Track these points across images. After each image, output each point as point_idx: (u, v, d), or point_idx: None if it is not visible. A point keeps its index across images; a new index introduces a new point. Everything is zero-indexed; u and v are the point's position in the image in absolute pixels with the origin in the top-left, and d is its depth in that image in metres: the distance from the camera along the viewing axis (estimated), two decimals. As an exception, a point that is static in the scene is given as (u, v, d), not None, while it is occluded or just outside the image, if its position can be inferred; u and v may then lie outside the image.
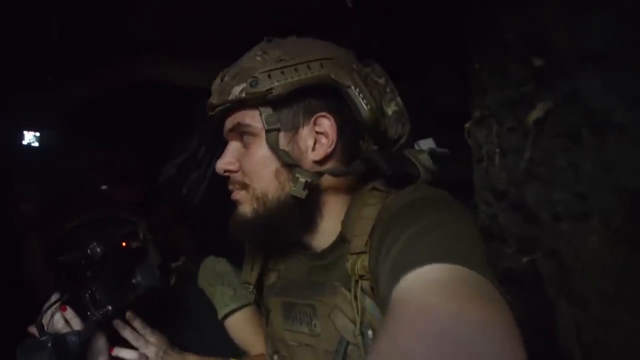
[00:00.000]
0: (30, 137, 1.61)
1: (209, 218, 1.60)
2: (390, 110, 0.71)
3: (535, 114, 0.65)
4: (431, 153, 0.72)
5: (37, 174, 1.48)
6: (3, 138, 1.53)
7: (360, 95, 0.66)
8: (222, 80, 0.68)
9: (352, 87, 0.66)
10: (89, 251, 0.89)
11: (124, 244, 0.96)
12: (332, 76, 0.65)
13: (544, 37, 0.64)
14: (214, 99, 0.68)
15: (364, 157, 0.68)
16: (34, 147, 1.61)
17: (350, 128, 0.68)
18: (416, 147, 0.76)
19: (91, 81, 1.75)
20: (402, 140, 0.74)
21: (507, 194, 0.73)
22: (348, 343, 0.62)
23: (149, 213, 1.32)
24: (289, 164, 0.65)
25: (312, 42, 0.69)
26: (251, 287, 0.78)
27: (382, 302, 0.53)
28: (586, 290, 0.59)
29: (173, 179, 1.74)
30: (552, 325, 0.64)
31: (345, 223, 0.67)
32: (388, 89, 0.71)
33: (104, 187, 1.45)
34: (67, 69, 1.55)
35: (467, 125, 0.84)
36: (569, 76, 0.60)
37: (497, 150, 0.74)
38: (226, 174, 0.69)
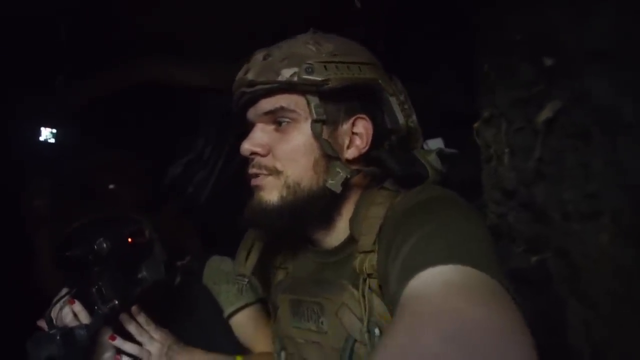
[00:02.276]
0: (41, 135, 1.63)
1: (214, 217, 1.61)
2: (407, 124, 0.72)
3: (545, 114, 0.66)
4: (440, 153, 0.72)
5: (49, 171, 1.49)
6: (15, 136, 1.54)
7: (400, 104, 0.68)
8: (265, 58, 0.65)
9: (394, 96, 0.67)
10: (95, 247, 0.89)
11: (130, 240, 0.97)
12: (380, 81, 0.66)
13: (553, 37, 0.64)
14: (252, 75, 0.65)
15: (375, 157, 0.68)
16: (45, 145, 1.63)
17: (381, 133, 0.69)
18: (425, 146, 0.76)
19: (97, 82, 1.77)
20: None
21: (516, 193, 0.73)
22: (355, 341, 0.62)
23: (155, 212, 1.33)
24: (331, 156, 0.64)
25: (358, 46, 0.70)
26: (245, 280, 0.75)
27: (391, 300, 0.53)
28: (596, 289, 0.59)
29: (179, 179, 1.75)
30: (561, 324, 0.64)
31: (353, 221, 0.67)
32: (407, 106, 0.72)
33: (111, 186, 1.46)
34: (74, 70, 1.57)
35: (475, 125, 0.85)
36: (578, 76, 0.61)
37: (506, 149, 0.75)
38: (252, 156, 0.67)
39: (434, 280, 0.45)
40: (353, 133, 0.67)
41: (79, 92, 1.73)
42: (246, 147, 0.66)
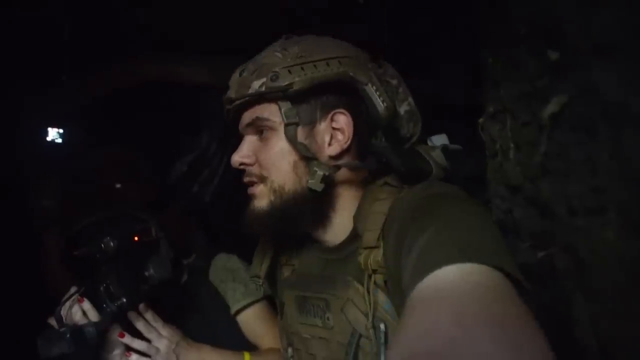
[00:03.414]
0: (49, 135, 1.64)
1: (219, 214, 1.62)
2: (402, 109, 0.73)
3: (551, 109, 0.65)
4: (444, 150, 0.72)
5: (57, 171, 1.51)
6: (23, 136, 1.56)
7: (377, 92, 0.68)
8: (240, 75, 0.69)
9: (369, 85, 0.67)
10: (102, 246, 0.90)
11: (136, 238, 0.98)
12: (350, 74, 0.66)
13: (558, 29, 0.63)
14: (232, 93, 0.69)
15: (377, 152, 0.68)
16: (52, 145, 1.64)
17: (365, 125, 0.69)
18: (429, 143, 0.76)
19: (101, 81, 1.78)
20: (414, 139, 0.74)
21: (522, 189, 0.72)
22: (360, 336, 0.63)
23: (160, 210, 1.34)
24: (307, 157, 0.66)
25: (330, 41, 0.71)
26: (260, 280, 0.78)
27: (401, 294, 0.53)
28: (602, 284, 0.58)
29: (184, 177, 1.76)
30: (568, 319, 0.63)
31: (356, 217, 0.67)
32: (400, 90, 0.72)
33: (117, 185, 1.47)
34: (78, 69, 1.58)
35: (480, 120, 0.84)
36: (584, 69, 0.60)
37: (512, 144, 0.74)
38: (242, 167, 0.70)
39: (451, 281, 0.45)
40: (333, 129, 0.68)
41: (83, 91, 1.74)
42: (235, 159, 0.70)
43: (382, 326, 0.60)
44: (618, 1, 0.56)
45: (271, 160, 0.67)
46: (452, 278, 0.45)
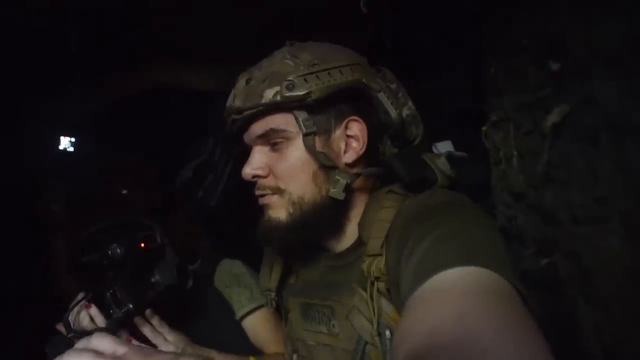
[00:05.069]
0: (60, 144, 1.66)
1: (224, 220, 1.63)
2: (404, 113, 0.72)
3: (553, 119, 0.66)
4: (449, 157, 0.72)
5: (64, 177, 1.52)
6: (32, 142, 1.57)
7: (389, 99, 0.68)
8: (247, 82, 0.67)
9: (382, 92, 0.67)
10: (109, 252, 0.91)
11: (142, 245, 0.99)
12: (364, 81, 0.66)
13: (560, 40, 0.64)
14: (238, 102, 0.66)
15: (384, 161, 0.69)
16: (61, 152, 1.66)
17: (376, 131, 0.69)
18: (434, 150, 0.76)
19: (107, 88, 1.79)
20: (417, 141, 0.74)
21: (526, 196, 0.73)
22: (366, 343, 0.63)
23: (165, 216, 1.35)
24: (327, 166, 0.65)
25: (337, 48, 0.70)
26: (273, 293, 0.77)
27: (401, 302, 0.53)
28: (606, 292, 0.59)
29: (189, 182, 1.76)
30: (572, 326, 0.64)
31: (361, 225, 0.67)
32: (400, 94, 0.72)
33: (123, 191, 1.48)
34: (85, 76, 1.59)
35: (484, 127, 0.85)
36: (585, 79, 0.61)
37: (515, 153, 0.75)
38: (254, 179, 0.68)
39: (451, 281, 0.45)
40: (348, 136, 0.67)
41: (89, 99, 1.76)
42: (247, 171, 0.68)
43: (387, 333, 0.61)
44: (618, 13, 0.57)
45: (289, 172, 0.65)
46: (452, 279, 0.45)
